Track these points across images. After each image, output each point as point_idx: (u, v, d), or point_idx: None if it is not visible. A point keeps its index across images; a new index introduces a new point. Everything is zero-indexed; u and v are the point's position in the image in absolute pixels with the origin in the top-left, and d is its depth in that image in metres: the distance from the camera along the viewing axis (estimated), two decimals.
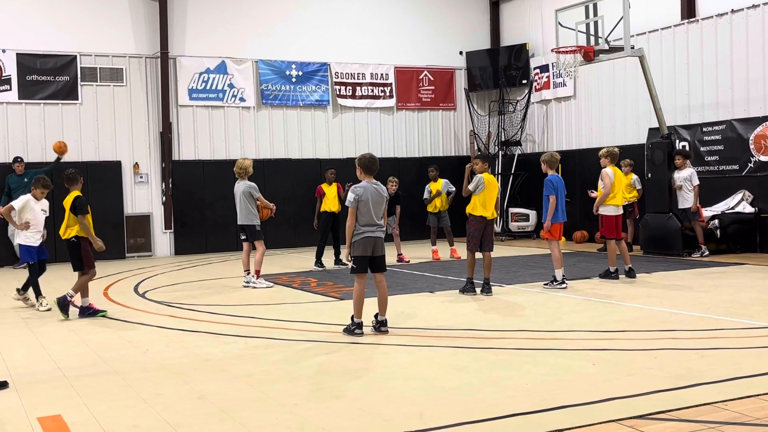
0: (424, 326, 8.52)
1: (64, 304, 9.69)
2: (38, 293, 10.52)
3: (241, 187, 12.31)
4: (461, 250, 15.74)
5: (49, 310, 10.30)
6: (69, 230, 9.75)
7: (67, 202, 9.78)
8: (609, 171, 11.90)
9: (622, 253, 11.99)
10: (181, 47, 18.98)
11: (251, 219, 12.27)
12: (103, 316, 9.80)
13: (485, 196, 10.64)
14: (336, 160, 19.89)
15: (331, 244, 14.90)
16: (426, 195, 15.74)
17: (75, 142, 17.97)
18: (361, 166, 8.18)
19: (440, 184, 15.62)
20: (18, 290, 10.88)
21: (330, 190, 14.71)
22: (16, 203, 10.41)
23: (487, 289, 10.72)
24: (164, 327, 8.97)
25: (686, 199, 14.67)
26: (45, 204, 10.68)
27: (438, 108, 21.98)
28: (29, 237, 10.38)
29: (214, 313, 9.84)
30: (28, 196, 10.47)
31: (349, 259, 8.15)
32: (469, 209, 10.82)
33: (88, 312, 9.79)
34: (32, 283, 10.55)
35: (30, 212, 10.35)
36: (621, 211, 12.21)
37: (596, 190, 12.66)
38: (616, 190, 11.93)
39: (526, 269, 13.59)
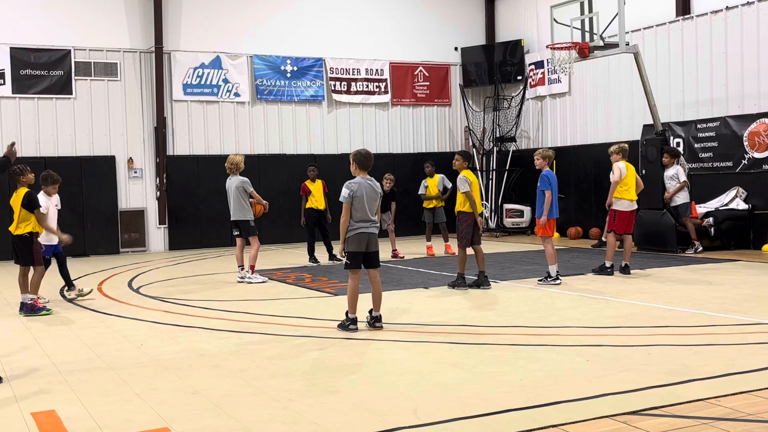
0: (418, 322, 8.53)
1: (32, 308, 9.68)
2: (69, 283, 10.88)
3: (234, 182, 12.27)
4: (455, 246, 15.76)
5: (79, 295, 10.76)
6: (22, 226, 9.69)
7: (17, 199, 9.69)
8: (621, 164, 11.93)
9: (625, 249, 12.01)
10: (176, 42, 18.93)
11: (245, 214, 12.25)
12: (47, 314, 9.71)
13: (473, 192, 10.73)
14: (331, 156, 19.90)
15: (321, 240, 14.88)
16: (422, 190, 15.72)
17: (69, 136, 17.94)
18: (357, 162, 8.15)
19: (437, 180, 15.59)
20: (66, 290, 11.04)
21: (315, 187, 14.68)
22: (42, 206, 10.12)
23: (486, 283, 10.79)
24: (159, 322, 8.96)
25: (677, 197, 14.70)
26: (56, 199, 10.76)
27: (433, 104, 21.99)
28: (45, 235, 10.29)
29: (209, 309, 9.84)
30: (41, 194, 10.40)
31: (343, 254, 8.15)
32: (458, 207, 10.87)
33: (33, 309, 9.72)
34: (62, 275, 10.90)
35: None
36: (635, 207, 12.17)
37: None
38: (629, 184, 11.93)
39: (520, 265, 13.61)
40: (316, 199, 14.64)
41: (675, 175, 14.73)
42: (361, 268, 8.12)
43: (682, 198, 14.70)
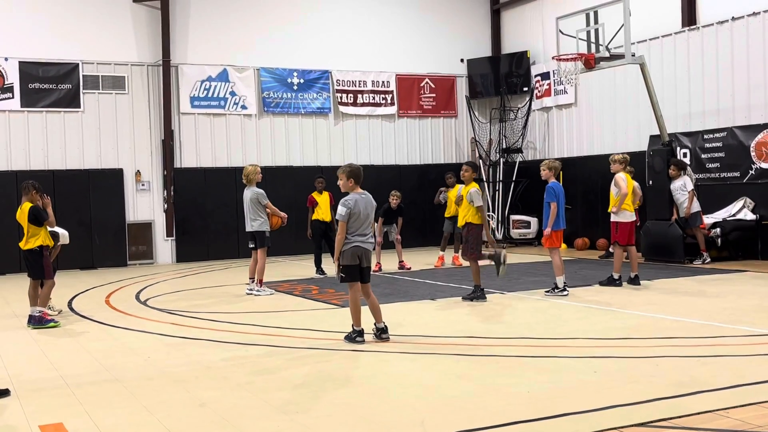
0: (425, 334, 8.51)
1: (40, 321, 9.70)
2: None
3: (248, 194, 12.30)
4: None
5: (59, 312, 10.71)
6: (32, 240, 9.74)
7: (22, 215, 9.74)
8: (623, 176, 11.96)
9: (631, 259, 11.98)
10: (183, 55, 19.03)
11: (260, 225, 12.24)
12: (55, 326, 9.73)
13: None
14: (337, 168, 19.85)
15: (328, 252, 14.88)
16: (442, 199, 15.69)
17: (77, 149, 18.02)
18: (353, 177, 8.10)
19: (456, 191, 15.57)
20: None
21: (321, 199, 14.69)
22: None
23: (482, 297, 10.80)
24: (166, 334, 8.97)
25: (684, 207, 14.69)
26: None
27: (439, 115, 22.02)
28: None
29: (216, 321, 9.84)
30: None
31: (338, 270, 8.04)
32: (467, 218, 10.84)
33: (41, 321, 9.74)
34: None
35: None
36: (635, 217, 12.19)
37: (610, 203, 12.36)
38: (629, 195, 11.96)
39: (528, 276, 13.58)
40: (323, 210, 14.65)
41: (683, 185, 14.71)
42: (359, 280, 8.08)
43: (693, 208, 14.67)
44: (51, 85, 17.79)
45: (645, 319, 9.04)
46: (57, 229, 10.39)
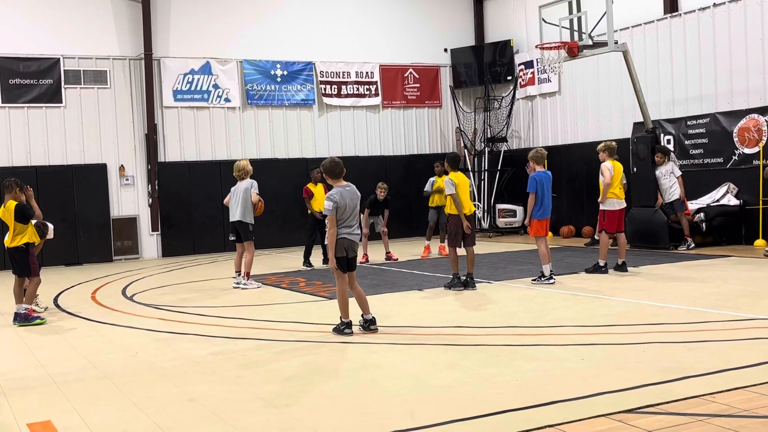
0: (413, 324, 8.53)
1: (26, 318, 9.65)
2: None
3: (244, 184, 12.25)
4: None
5: (45, 309, 10.63)
6: (18, 238, 9.68)
7: (6, 213, 9.68)
8: (608, 164, 11.98)
9: (620, 246, 12.03)
10: (165, 48, 18.90)
11: (248, 218, 12.20)
12: (41, 323, 9.68)
13: (458, 194, 10.71)
14: (323, 160, 19.81)
15: (319, 243, 14.85)
16: (428, 187, 15.63)
17: (60, 145, 17.88)
18: (327, 174, 8.19)
19: (443, 180, 15.55)
20: None
21: (317, 190, 14.65)
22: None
23: (471, 284, 10.80)
24: (153, 330, 8.94)
25: (672, 193, 14.78)
26: None
27: (424, 105, 22.01)
28: None
29: (203, 315, 9.82)
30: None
31: (334, 265, 8.03)
32: (447, 210, 10.92)
33: (27, 318, 9.70)
34: None
35: None
36: (624, 204, 12.16)
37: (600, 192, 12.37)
38: (614, 183, 11.98)
39: (514, 265, 13.63)
40: (318, 202, 14.59)
41: (671, 171, 14.79)
42: (346, 272, 8.10)
43: (678, 193, 14.76)
44: (32, 80, 17.63)
45: (631, 305, 9.10)
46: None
